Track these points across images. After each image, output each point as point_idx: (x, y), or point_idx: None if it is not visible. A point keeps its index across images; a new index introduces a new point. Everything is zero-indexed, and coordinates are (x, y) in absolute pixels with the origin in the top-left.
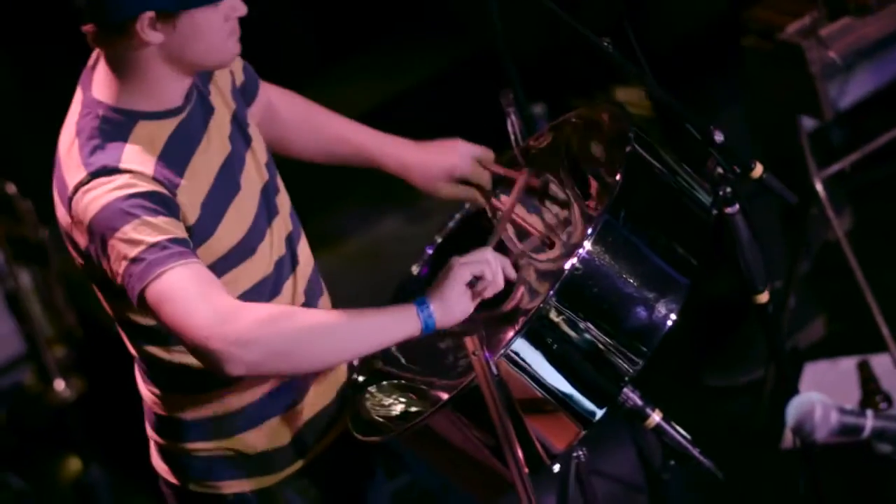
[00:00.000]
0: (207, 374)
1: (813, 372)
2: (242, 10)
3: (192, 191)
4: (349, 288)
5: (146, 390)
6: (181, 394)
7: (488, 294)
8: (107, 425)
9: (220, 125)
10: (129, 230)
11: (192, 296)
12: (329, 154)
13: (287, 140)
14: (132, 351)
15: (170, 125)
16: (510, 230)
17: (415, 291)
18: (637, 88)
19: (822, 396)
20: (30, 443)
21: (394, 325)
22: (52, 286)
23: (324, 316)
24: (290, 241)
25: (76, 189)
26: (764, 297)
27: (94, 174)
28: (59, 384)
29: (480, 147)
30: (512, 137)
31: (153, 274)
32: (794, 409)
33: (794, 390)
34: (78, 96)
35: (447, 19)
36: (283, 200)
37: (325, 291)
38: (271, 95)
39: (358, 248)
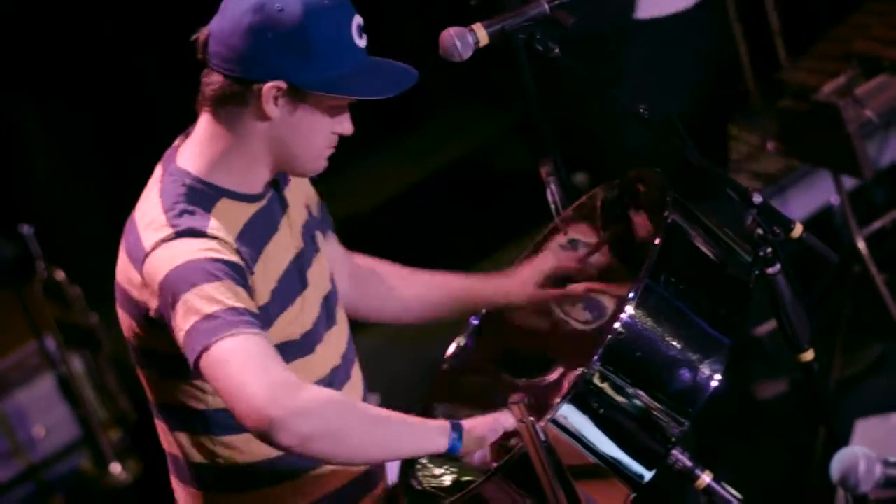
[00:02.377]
0: (252, 472)
1: (864, 428)
2: (349, 129)
3: (265, 276)
4: (392, 365)
5: (184, 492)
6: (224, 493)
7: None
8: None
9: (293, 221)
10: (209, 288)
11: (257, 362)
12: (432, 311)
13: (384, 307)
14: (173, 446)
15: (249, 209)
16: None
17: (462, 364)
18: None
19: (866, 450)
20: None
21: (427, 439)
22: (104, 370)
23: (376, 410)
24: (346, 359)
25: (157, 245)
26: (808, 356)
27: (181, 234)
28: (116, 468)
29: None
30: (552, 206)
31: (225, 333)
32: (837, 463)
33: (844, 447)
34: (158, 170)
35: (488, 91)
36: (343, 317)
37: None
38: (359, 262)
39: (400, 326)
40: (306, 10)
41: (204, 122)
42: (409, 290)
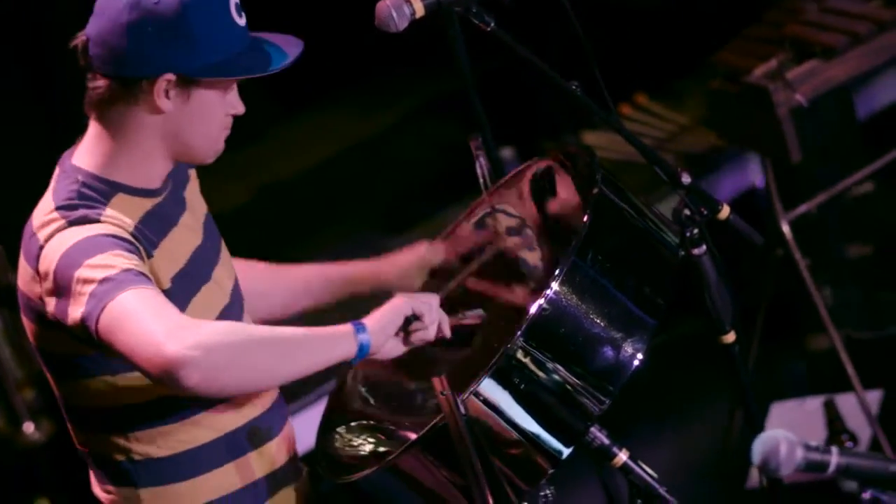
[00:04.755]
0: (169, 465)
1: (780, 411)
2: (241, 108)
3: (165, 264)
4: None
5: (103, 492)
6: (143, 488)
7: (417, 340)
8: (76, 468)
9: (195, 218)
10: (101, 258)
11: (152, 310)
12: (311, 300)
13: (263, 307)
14: (87, 448)
15: (147, 204)
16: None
17: None
18: (606, 132)
19: (788, 433)
20: None
21: (334, 344)
22: (21, 329)
23: (275, 330)
24: None
25: (50, 236)
26: (730, 338)
27: (73, 222)
28: (29, 427)
29: (442, 243)
30: (481, 181)
31: (119, 291)
32: (759, 446)
33: (760, 429)
34: (56, 172)
35: (417, 62)
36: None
37: None
38: (238, 267)
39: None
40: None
41: (94, 125)
42: (294, 291)
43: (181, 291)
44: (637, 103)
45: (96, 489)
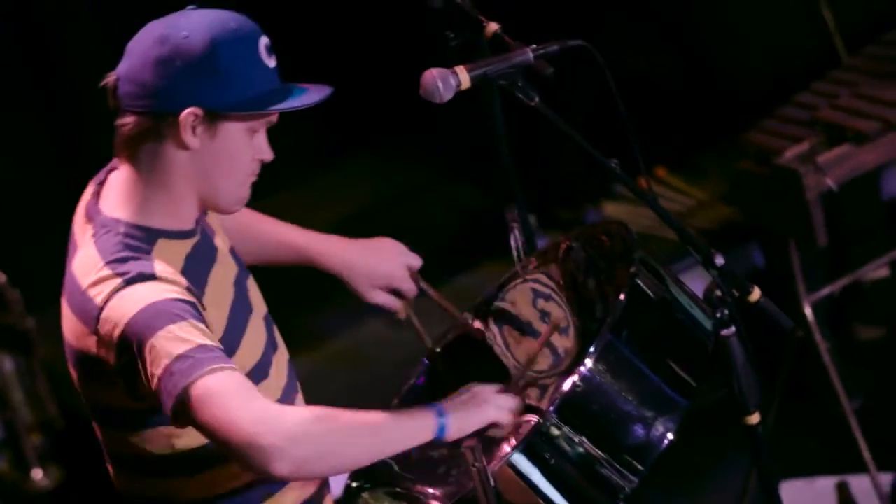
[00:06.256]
0: None
1: (789, 491)
2: (269, 154)
3: (217, 306)
4: (329, 391)
5: None
6: None
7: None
8: None
9: (223, 248)
10: (175, 329)
11: (242, 394)
12: (269, 258)
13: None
14: (128, 493)
15: (186, 245)
16: (502, 342)
17: (412, 401)
18: (628, 203)
19: None
20: None
21: (416, 430)
22: (35, 375)
23: (361, 416)
24: (290, 381)
25: (109, 297)
26: (755, 419)
27: (130, 280)
28: (37, 473)
29: (414, 255)
30: (514, 253)
31: (204, 369)
32: None
33: None
34: (81, 224)
35: (441, 125)
36: (280, 338)
37: None
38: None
39: (339, 350)
40: (212, 35)
41: (124, 167)
42: (256, 242)
43: (235, 329)
44: (657, 176)
45: None
